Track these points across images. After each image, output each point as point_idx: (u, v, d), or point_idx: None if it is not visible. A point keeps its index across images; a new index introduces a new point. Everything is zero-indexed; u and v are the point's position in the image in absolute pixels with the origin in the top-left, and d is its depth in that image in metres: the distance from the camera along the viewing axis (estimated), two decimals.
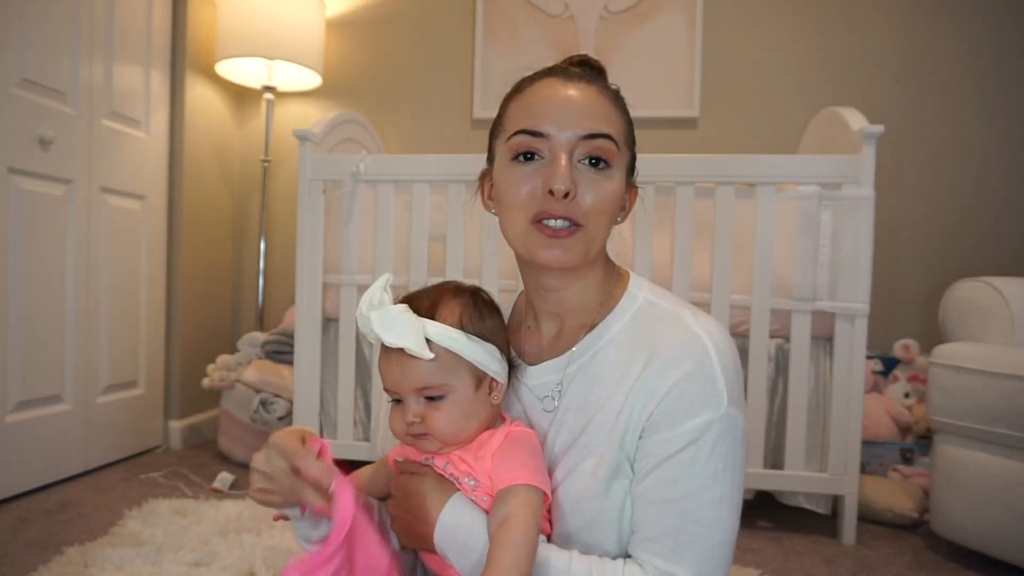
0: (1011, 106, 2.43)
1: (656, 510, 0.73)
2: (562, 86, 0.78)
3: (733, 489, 0.73)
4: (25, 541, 1.63)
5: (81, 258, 2.12)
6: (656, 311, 0.81)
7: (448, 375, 0.75)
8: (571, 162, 0.75)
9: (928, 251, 2.48)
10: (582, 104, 0.77)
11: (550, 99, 0.77)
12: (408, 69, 2.80)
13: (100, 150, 2.19)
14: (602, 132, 0.76)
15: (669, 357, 0.75)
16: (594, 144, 0.76)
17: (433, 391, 0.75)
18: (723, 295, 1.81)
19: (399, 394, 0.77)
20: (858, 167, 1.75)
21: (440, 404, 0.75)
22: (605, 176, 0.76)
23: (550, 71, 0.81)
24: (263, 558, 1.49)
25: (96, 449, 2.21)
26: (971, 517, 1.63)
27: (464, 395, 0.76)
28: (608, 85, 0.82)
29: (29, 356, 1.94)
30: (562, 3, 2.67)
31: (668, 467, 0.72)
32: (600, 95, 0.79)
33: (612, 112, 0.79)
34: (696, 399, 0.73)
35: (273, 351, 2.37)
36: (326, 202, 2.02)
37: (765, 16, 2.57)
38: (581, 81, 0.79)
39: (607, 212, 0.77)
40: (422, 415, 0.75)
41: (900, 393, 2.25)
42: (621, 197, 0.79)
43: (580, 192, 0.75)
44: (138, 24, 2.33)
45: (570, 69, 0.81)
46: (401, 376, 0.75)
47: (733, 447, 0.73)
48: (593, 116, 0.76)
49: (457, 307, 0.77)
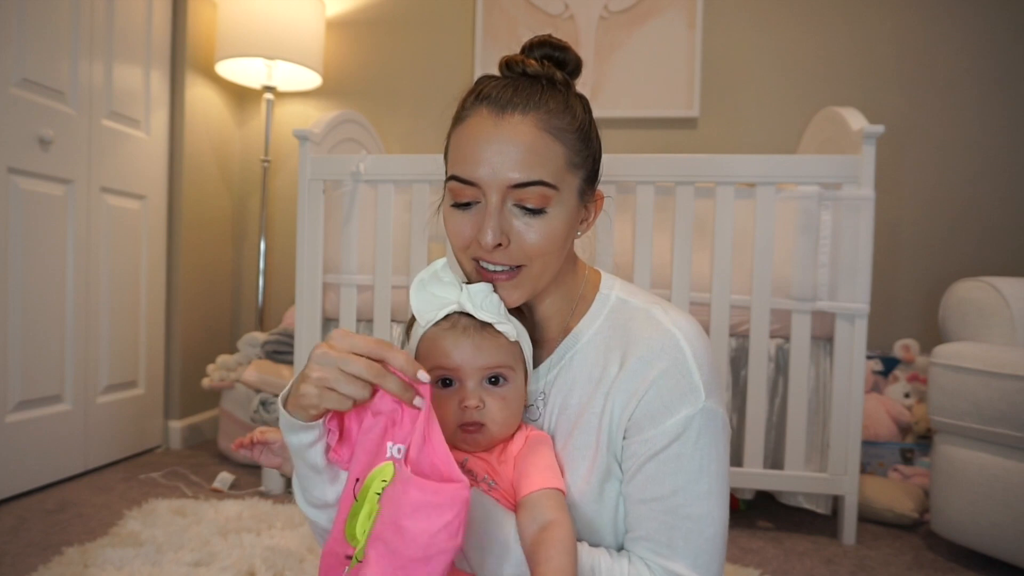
0: (1011, 106, 2.43)
1: (646, 508, 0.74)
2: (493, 125, 0.72)
3: (719, 481, 0.74)
4: (25, 541, 1.63)
5: (81, 258, 2.12)
6: (628, 308, 0.81)
7: (515, 359, 0.76)
8: (502, 210, 0.73)
9: (928, 251, 2.48)
10: (512, 148, 0.71)
11: (479, 143, 0.72)
12: (408, 69, 2.80)
13: (100, 150, 2.19)
14: (531, 180, 0.71)
15: (644, 356, 0.75)
16: (525, 192, 0.72)
17: (503, 371, 0.75)
18: (723, 295, 1.81)
19: (460, 374, 0.74)
20: (858, 167, 1.75)
21: (502, 391, 0.75)
22: (541, 220, 0.73)
23: (487, 98, 0.74)
24: (263, 558, 1.49)
25: (96, 449, 2.21)
26: (971, 517, 1.63)
27: (519, 384, 0.77)
28: (552, 101, 0.74)
29: (29, 356, 1.94)
30: (562, 3, 2.67)
31: (654, 465, 0.73)
32: (535, 130, 0.72)
33: (547, 148, 0.72)
34: (674, 396, 0.73)
35: (273, 351, 2.37)
36: (326, 202, 2.02)
37: (765, 16, 2.57)
38: (516, 112, 0.72)
39: (549, 251, 0.75)
40: (484, 400, 0.74)
41: (900, 393, 2.25)
42: (566, 229, 0.75)
43: (515, 238, 0.74)
44: (138, 24, 2.33)
45: (504, 96, 0.74)
46: (475, 353, 0.74)
47: (715, 439, 0.74)
48: (522, 162, 0.71)
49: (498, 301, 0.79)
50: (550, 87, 0.76)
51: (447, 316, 0.76)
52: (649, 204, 1.83)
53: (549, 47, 0.78)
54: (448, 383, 0.75)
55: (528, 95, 0.74)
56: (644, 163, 1.83)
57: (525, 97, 0.73)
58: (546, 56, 0.78)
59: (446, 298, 0.75)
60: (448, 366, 0.74)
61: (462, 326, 0.75)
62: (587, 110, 0.79)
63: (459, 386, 0.75)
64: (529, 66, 0.76)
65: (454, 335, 0.74)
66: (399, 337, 2.04)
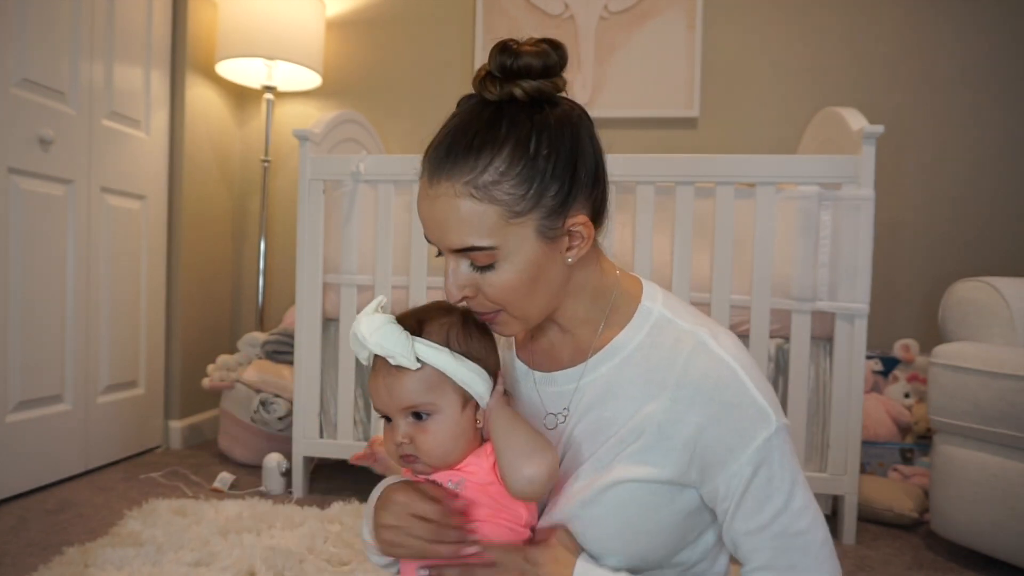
0: (1010, 106, 2.43)
1: (756, 539, 0.74)
2: (426, 196, 0.74)
3: (807, 490, 0.76)
4: (25, 541, 1.63)
5: (81, 258, 2.12)
6: (674, 330, 0.78)
7: (434, 393, 0.75)
8: (458, 268, 0.75)
9: (928, 251, 2.48)
10: (442, 218, 0.72)
11: (422, 212, 0.75)
12: (408, 69, 2.80)
13: (100, 150, 2.19)
14: (464, 247, 0.72)
15: (702, 387, 0.74)
16: (467, 255, 0.73)
17: (420, 408, 0.75)
18: (723, 295, 1.81)
19: (388, 413, 0.78)
20: (858, 167, 1.75)
21: (427, 424, 0.76)
22: (494, 274, 0.73)
23: (427, 159, 0.75)
24: (263, 558, 1.49)
25: (96, 449, 2.21)
26: (971, 517, 1.63)
27: (451, 415, 0.76)
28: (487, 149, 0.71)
29: (29, 356, 1.94)
30: (562, 3, 2.67)
31: (750, 496, 0.74)
32: (458, 199, 0.70)
33: (475, 212, 0.70)
34: (747, 425, 0.73)
35: (273, 351, 2.37)
36: (326, 202, 2.02)
37: (765, 16, 2.57)
38: (443, 180, 0.71)
39: (515, 298, 0.75)
40: (410, 436, 0.76)
41: (900, 393, 2.25)
42: (528, 273, 0.74)
43: (480, 289, 0.75)
44: (138, 24, 2.33)
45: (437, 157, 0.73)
46: (388, 395, 0.76)
47: (792, 453, 0.76)
48: (453, 231, 0.72)
49: (444, 326, 0.77)
50: (495, 127, 0.72)
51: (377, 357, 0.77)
52: (649, 204, 1.83)
53: (502, 55, 0.73)
54: (388, 418, 0.79)
55: (460, 154, 0.71)
56: (644, 163, 1.83)
57: (455, 158, 0.71)
58: (501, 67, 0.73)
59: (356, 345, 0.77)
60: (378, 408, 0.79)
61: (378, 367, 0.77)
62: (548, 133, 0.72)
63: (393, 421, 0.78)
64: (488, 91, 0.74)
65: (374, 379, 0.78)
66: None
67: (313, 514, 1.79)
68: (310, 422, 2.01)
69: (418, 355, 0.74)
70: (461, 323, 0.78)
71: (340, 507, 1.86)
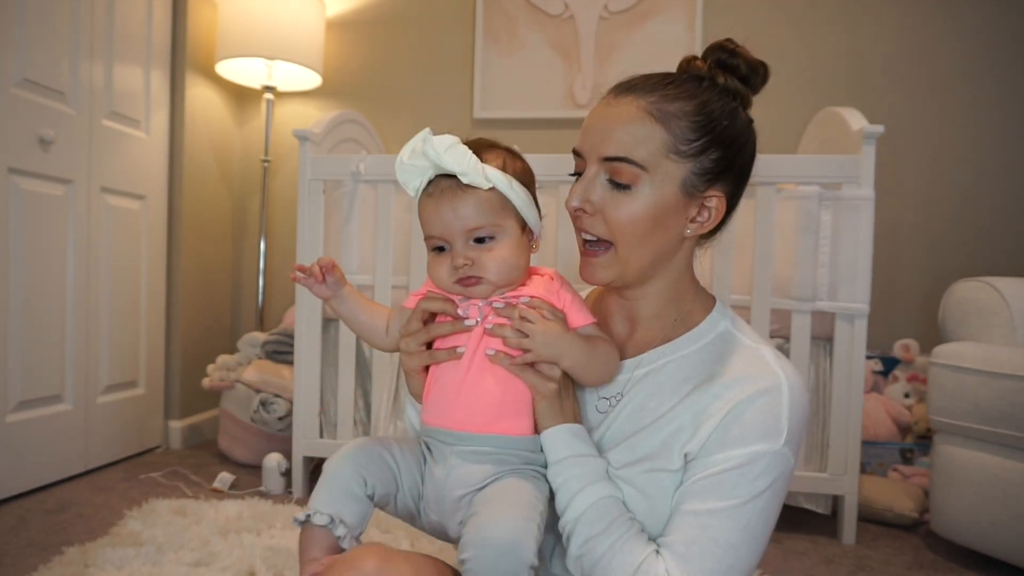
0: (1010, 106, 2.43)
1: (682, 519, 0.74)
2: (605, 104, 0.79)
3: (761, 523, 0.74)
4: (25, 541, 1.63)
5: (81, 258, 2.12)
6: (736, 343, 0.82)
7: (498, 215, 0.77)
8: (595, 180, 0.78)
9: (928, 251, 2.48)
10: (610, 124, 0.77)
11: (591, 118, 0.79)
12: (408, 69, 2.80)
13: (100, 150, 2.19)
14: (617, 156, 0.75)
15: (738, 378, 0.76)
16: (614, 166, 0.76)
17: (486, 229, 0.76)
18: (723, 295, 1.81)
19: (447, 239, 0.77)
20: (858, 167, 1.75)
21: (491, 245, 0.77)
22: (627, 196, 0.76)
23: (619, 84, 0.80)
24: (263, 558, 1.49)
25: (96, 449, 2.21)
26: (971, 517, 1.63)
27: (513, 235, 0.78)
28: (682, 93, 0.77)
29: (29, 356, 1.94)
30: (562, 3, 2.67)
31: (707, 483, 0.74)
32: (638, 111, 0.76)
33: (646, 129, 0.75)
34: (755, 428, 0.74)
35: (273, 351, 2.37)
36: (326, 202, 2.02)
37: (765, 16, 2.57)
38: (630, 95, 0.77)
39: (632, 231, 0.77)
40: (473, 258, 0.76)
41: (900, 393, 2.25)
42: (654, 212, 0.76)
43: (601, 208, 0.77)
44: (138, 24, 2.33)
45: (632, 82, 0.79)
46: (453, 216, 0.76)
47: (776, 485, 0.74)
48: (615, 139, 0.76)
49: (500, 155, 0.80)
50: (694, 84, 0.78)
51: (431, 181, 0.78)
52: None
53: (720, 51, 0.80)
54: (441, 248, 0.79)
55: (656, 84, 0.78)
56: None
57: (650, 84, 0.78)
58: (717, 60, 0.80)
59: (423, 164, 0.77)
60: (434, 234, 0.79)
61: (439, 190, 0.77)
62: (732, 114, 0.79)
63: (450, 248, 0.78)
64: (694, 67, 0.80)
65: (434, 202, 0.77)
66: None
67: None
68: (310, 422, 2.01)
69: (487, 176, 0.75)
70: (511, 155, 0.81)
71: None
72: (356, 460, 0.78)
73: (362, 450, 0.79)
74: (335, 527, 0.74)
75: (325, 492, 0.76)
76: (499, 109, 2.70)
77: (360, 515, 0.77)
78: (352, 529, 0.76)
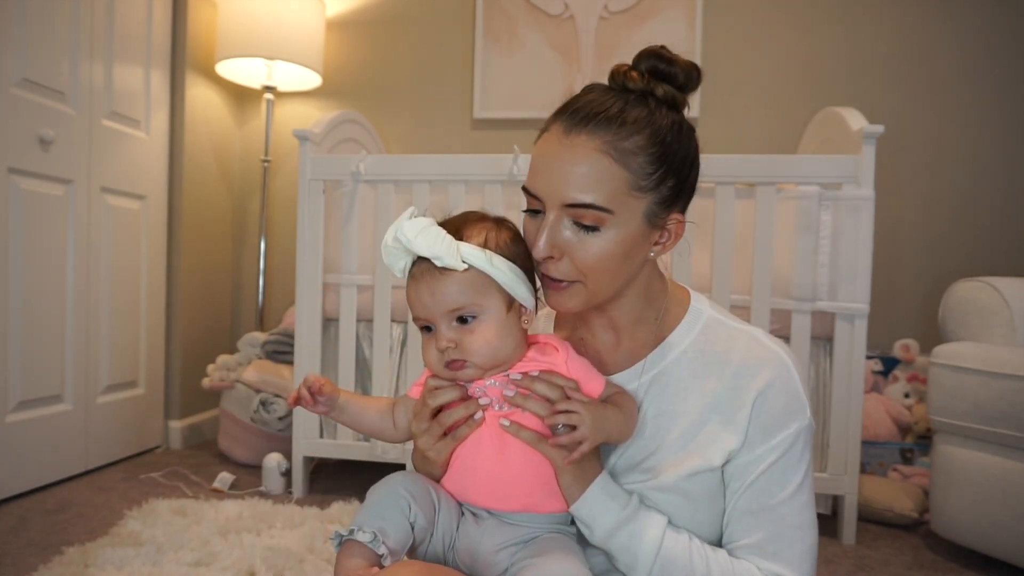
0: (1010, 106, 2.43)
1: (755, 519, 0.77)
2: (558, 143, 0.75)
3: (812, 493, 0.80)
4: (25, 541, 1.63)
5: (81, 258, 2.12)
6: (726, 330, 0.83)
7: (479, 294, 0.75)
8: (558, 225, 0.75)
9: (927, 251, 2.48)
10: (570, 168, 0.74)
11: (545, 159, 0.76)
12: (408, 69, 2.80)
13: (100, 150, 2.19)
14: (583, 203, 0.73)
15: (750, 367, 0.79)
16: (578, 212, 0.74)
17: (466, 310, 0.75)
18: (723, 295, 1.81)
19: (430, 320, 0.77)
20: (858, 167, 1.75)
21: (473, 326, 0.76)
22: (595, 238, 0.75)
23: (564, 113, 0.77)
24: (263, 558, 1.49)
25: (96, 449, 2.21)
26: (971, 517, 1.63)
27: (497, 314, 0.76)
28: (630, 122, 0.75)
29: (29, 356, 1.94)
30: (562, 3, 2.67)
31: (765, 479, 0.77)
32: (595, 153, 0.73)
33: (607, 172, 0.73)
34: (785, 411, 0.78)
35: (273, 351, 2.37)
36: (326, 202, 2.02)
37: (765, 16, 2.57)
38: (583, 133, 0.74)
39: (601, 270, 0.76)
40: (456, 340, 0.75)
41: (900, 393, 2.25)
42: (623, 249, 0.76)
43: (569, 252, 0.76)
44: (138, 24, 2.33)
45: (580, 112, 0.76)
46: (432, 299, 0.75)
47: (810, 453, 0.80)
48: (577, 184, 0.73)
49: (483, 229, 0.78)
50: (639, 104, 0.76)
51: (414, 262, 0.77)
52: None
53: (656, 59, 0.78)
54: (428, 328, 0.78)
55: (607, 118, 0.74)
56: None
57: (599, 117, 0.74)
58: (652, 69, 0.78)
59: (401, 247, 0.77)
60: (419, 316, 0.78)
61: (420, 272, 0.76)
62: (679, 132, 0.77)
63: (435, 329, 0.77)
64: (630, 80, 0.77)
65: (415, 284, 0.77)
66: (398, 337, 2.05)
67: (313, 514, 1.79)
68: (310, 422, 2.01)
69: (463, 256, 0.74)
70: (497, 228, 0.79)
71: (340, 507, 1.86)
72: (405, 485, 0.77)
73: (411, 478, 0.79)
74: (377, 545, 0.71)
75: (370, 511, 0.75)
76: (499, 109, 2.70)
77: (403, 538, 0.74)
78: (393, 551, 0.73)
